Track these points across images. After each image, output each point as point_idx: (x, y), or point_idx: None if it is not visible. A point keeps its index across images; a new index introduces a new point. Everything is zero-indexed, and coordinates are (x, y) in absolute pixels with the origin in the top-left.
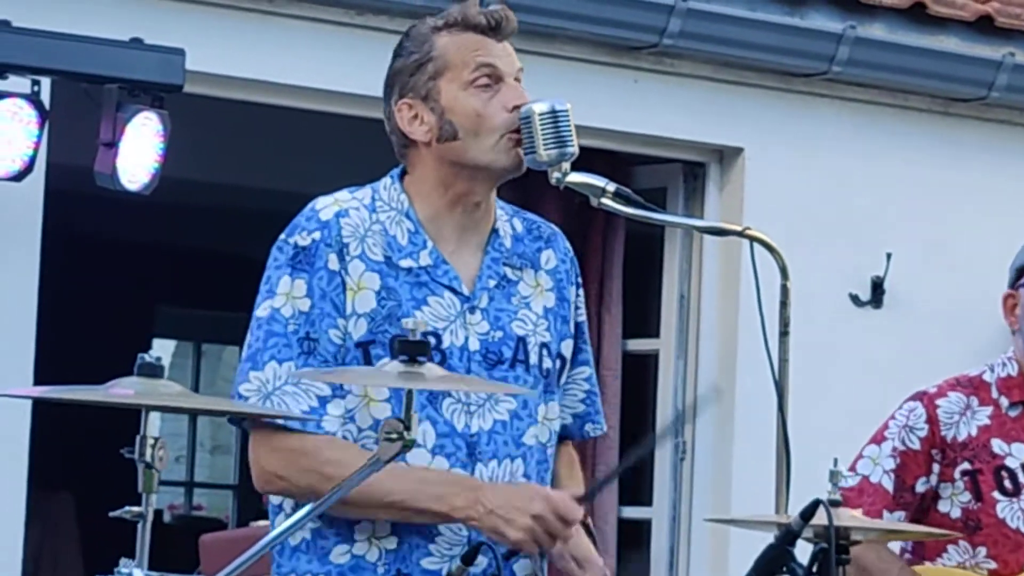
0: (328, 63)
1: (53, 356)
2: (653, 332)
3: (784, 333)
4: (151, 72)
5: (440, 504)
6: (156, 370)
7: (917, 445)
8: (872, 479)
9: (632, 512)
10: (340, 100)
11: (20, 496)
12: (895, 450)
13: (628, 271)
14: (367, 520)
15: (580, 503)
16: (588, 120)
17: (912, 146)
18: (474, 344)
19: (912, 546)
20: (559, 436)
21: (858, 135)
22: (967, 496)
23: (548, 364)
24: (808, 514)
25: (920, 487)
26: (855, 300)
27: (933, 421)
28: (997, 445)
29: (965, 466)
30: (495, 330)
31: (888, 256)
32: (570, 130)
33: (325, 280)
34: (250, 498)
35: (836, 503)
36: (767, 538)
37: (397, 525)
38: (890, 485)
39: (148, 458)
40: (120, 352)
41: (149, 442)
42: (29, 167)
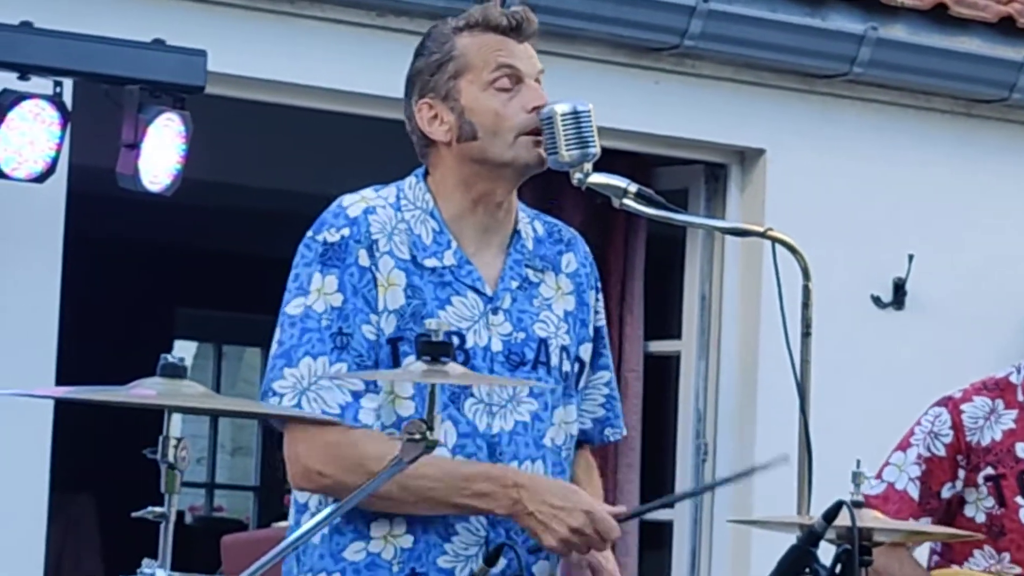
0: (349, 64)
1: (75, 357)
2: (675, 333)
3: (806, 334)
4: (173, 73)
5: (482, 502)
6: (179, 371)
7: (942, 451)
8: (897, 486)
9: (654, 513)
10: (361, 101)
11: (42, 497)
12: (920, 456)
13: (650, 272)
14: (384, 517)
15: (620, 521)
16: (609, 121)
17: (934, 147)
18: (497, 345)
19: (941, 547)
20: (578, 440)
21: (880, 136)
22: (991, 501)
23: (567, 367)
24: (831, 515)
25: (946, 493)
26: (877, 301)
27: (958, 427)
28: (1021, 449)
29: (989, 471)
30: (518, 331)
31: (910, 257)
32: (592, 131)
33: (356, 276)
34: (271, 499)
35: (859, 504)
36: (789, 539)
37: (414, 524)
38: (916, 492)
39: (171, 458)
40: (141, 353)
41: (172, 442)
42: (51, 168)
